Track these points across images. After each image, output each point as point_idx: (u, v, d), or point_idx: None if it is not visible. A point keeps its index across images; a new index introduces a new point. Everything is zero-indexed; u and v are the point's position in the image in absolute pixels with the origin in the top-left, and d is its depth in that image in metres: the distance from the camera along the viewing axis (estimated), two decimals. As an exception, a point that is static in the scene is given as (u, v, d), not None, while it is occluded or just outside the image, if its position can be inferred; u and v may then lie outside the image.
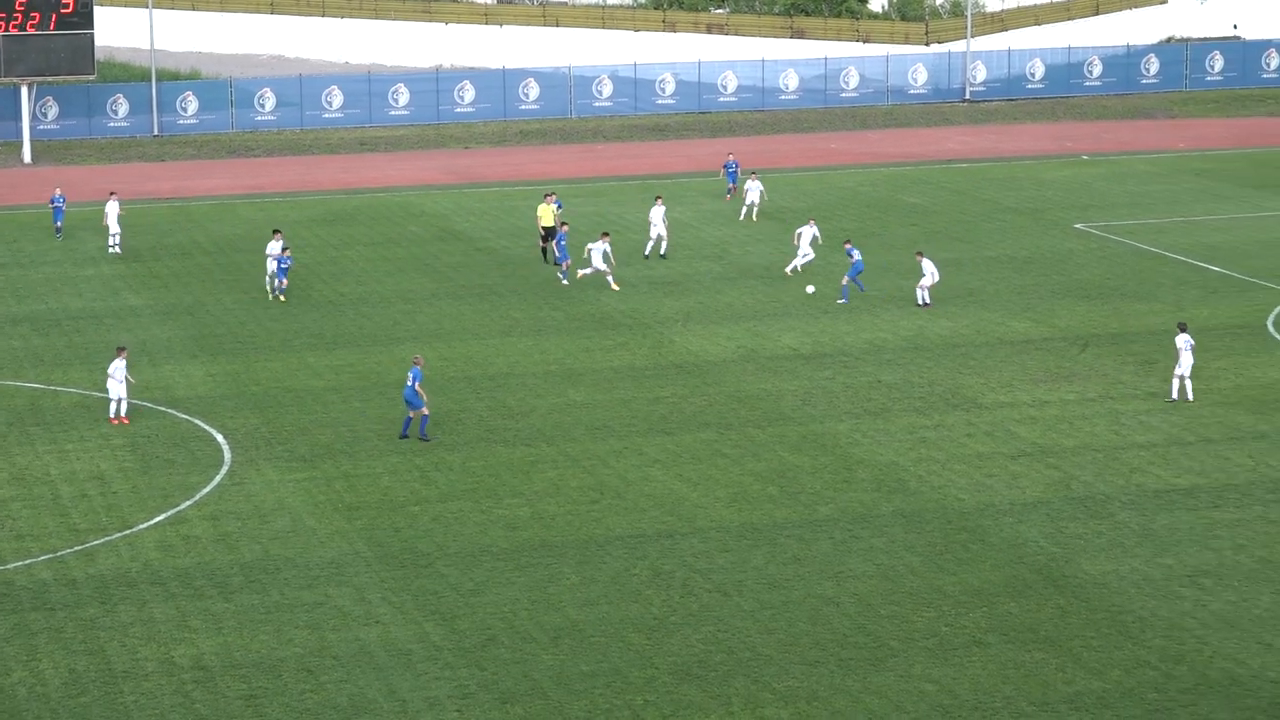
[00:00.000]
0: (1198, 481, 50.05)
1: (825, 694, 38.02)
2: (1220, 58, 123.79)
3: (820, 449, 52.83)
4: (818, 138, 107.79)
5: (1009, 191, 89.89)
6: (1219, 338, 63.26)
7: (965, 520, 47.39)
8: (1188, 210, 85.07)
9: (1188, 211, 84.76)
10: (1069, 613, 41.81)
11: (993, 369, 60.20)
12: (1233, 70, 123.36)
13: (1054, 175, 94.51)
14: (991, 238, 79.34)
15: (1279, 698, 37.67)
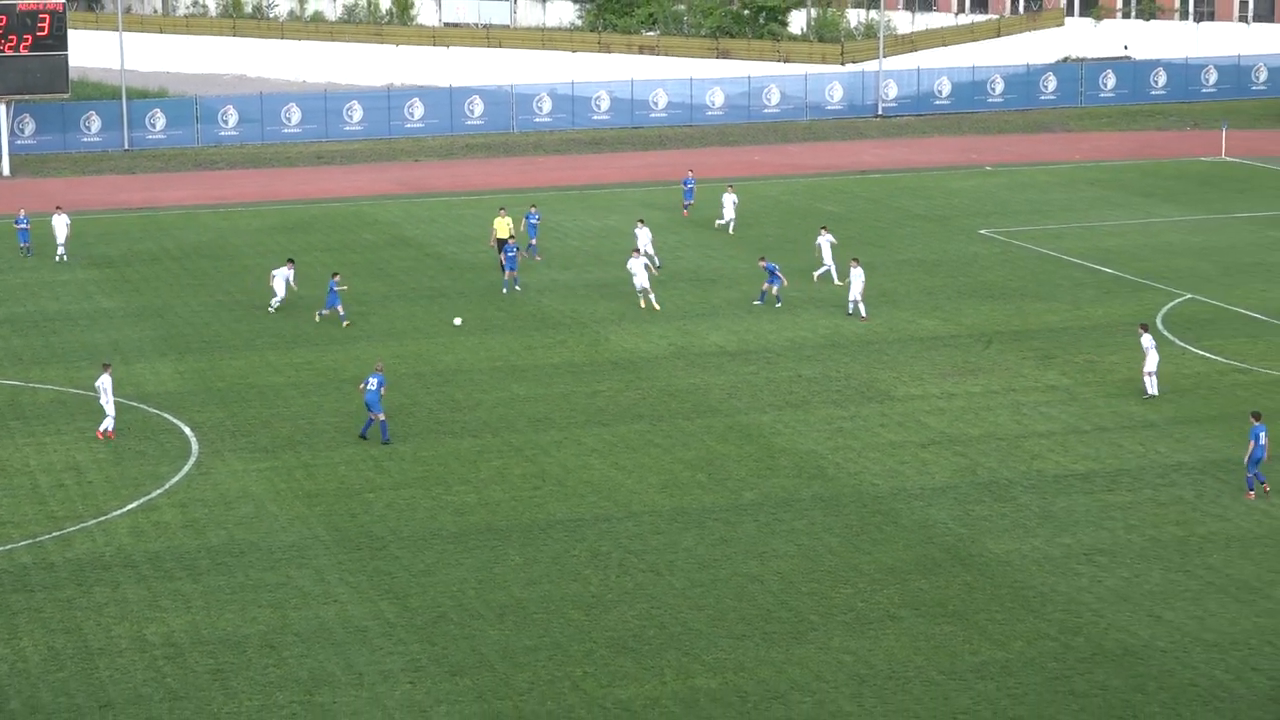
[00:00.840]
0: (1093, 467, 50.29)
1: (751, 665, 38.10)
2: (1113, 76, 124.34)
3: (745, 439, 52.91)
4: (742, 150, 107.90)
5: (919, 200, 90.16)
6: (1112, 335, 63.55)
7: (879, 504, 47.52)
8: (1083, 217, 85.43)
9: (1084, 218, 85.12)
10: (975, 588, 41.97)
11: (904, 364, 60.37)
12: (1124, 88, 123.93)
13: (960, 185, 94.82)
14: (903, 243, 79.57)
15: (1168, 666, 37.89)
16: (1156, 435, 52.94)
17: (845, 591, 41.84)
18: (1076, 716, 35.83)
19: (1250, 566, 43.13)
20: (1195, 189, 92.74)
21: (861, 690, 36.96)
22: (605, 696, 36.75)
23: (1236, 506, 47.07)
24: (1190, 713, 35.93)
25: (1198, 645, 38.93)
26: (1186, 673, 37.62)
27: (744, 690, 36.98)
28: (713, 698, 36.68)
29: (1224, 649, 38.71)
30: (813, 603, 41.23)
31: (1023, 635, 39.46)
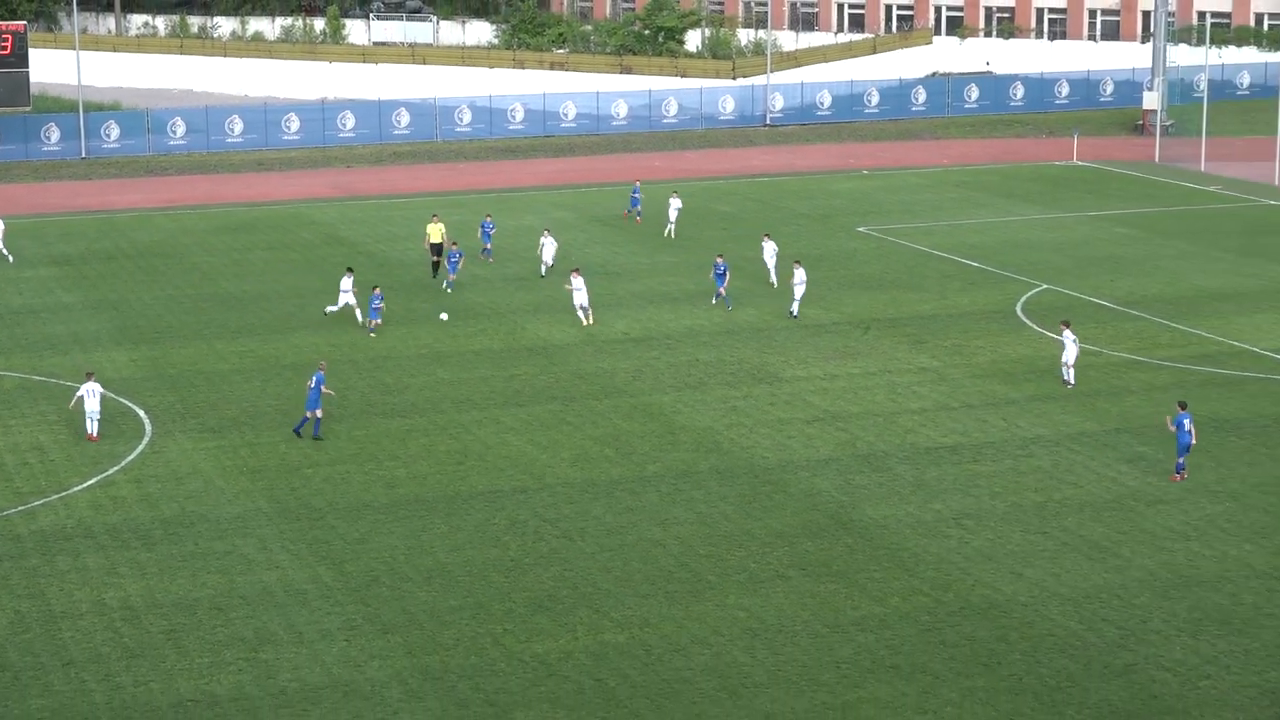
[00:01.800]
0: (960, 440, 50.57)
1: (655, 620, 38.16)
2: (976, 89, 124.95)
3: (648, 417, 52.95)
4: (643, 156, 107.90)
5: (803, 200, 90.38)
6: (977, 321, 63.90)
7: (769, 474, 47.65)
8: (950, 216, 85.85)
9: (950, 217, 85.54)
10: (855, 550, 42.14)
11: (791, 349, 60.52)
12: (986, 99, 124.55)
13: (840, 187, 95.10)
14: (789, 239, 79.67)
15: (1028, 618, 38.16)
16: (1017, 411, 53.27)
17: (739, 554, 41.94)
18: (947, 664, 36.05)
19: (1101, 528, 43.49)
20: (1050, 190, 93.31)
21: (754, 643, 37.07)
22: (524, 651, 36.74)
23: (1088, 475, 47.44)
24: (1048, 659, 36.21)
25: (1054, 599, 39.23)
26: (1044, 624, 37.91)
27: (649, 644, 37.04)
28: (620, 651, 36.71)
29: (1078, 602, 39.02)
30: (710, 564, 41.31)
31: (898, 592, 39.66)
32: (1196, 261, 74.41)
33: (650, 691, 34.97)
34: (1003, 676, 35.55)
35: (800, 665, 36.04)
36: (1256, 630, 37.57)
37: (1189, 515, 44.38)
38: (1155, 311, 65.34)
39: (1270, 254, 75.89)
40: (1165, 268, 73.08)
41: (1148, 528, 43.57)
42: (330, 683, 35.42)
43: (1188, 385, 55.36)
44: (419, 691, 35.04)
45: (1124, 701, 34.46)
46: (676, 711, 34.15)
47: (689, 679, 35.49)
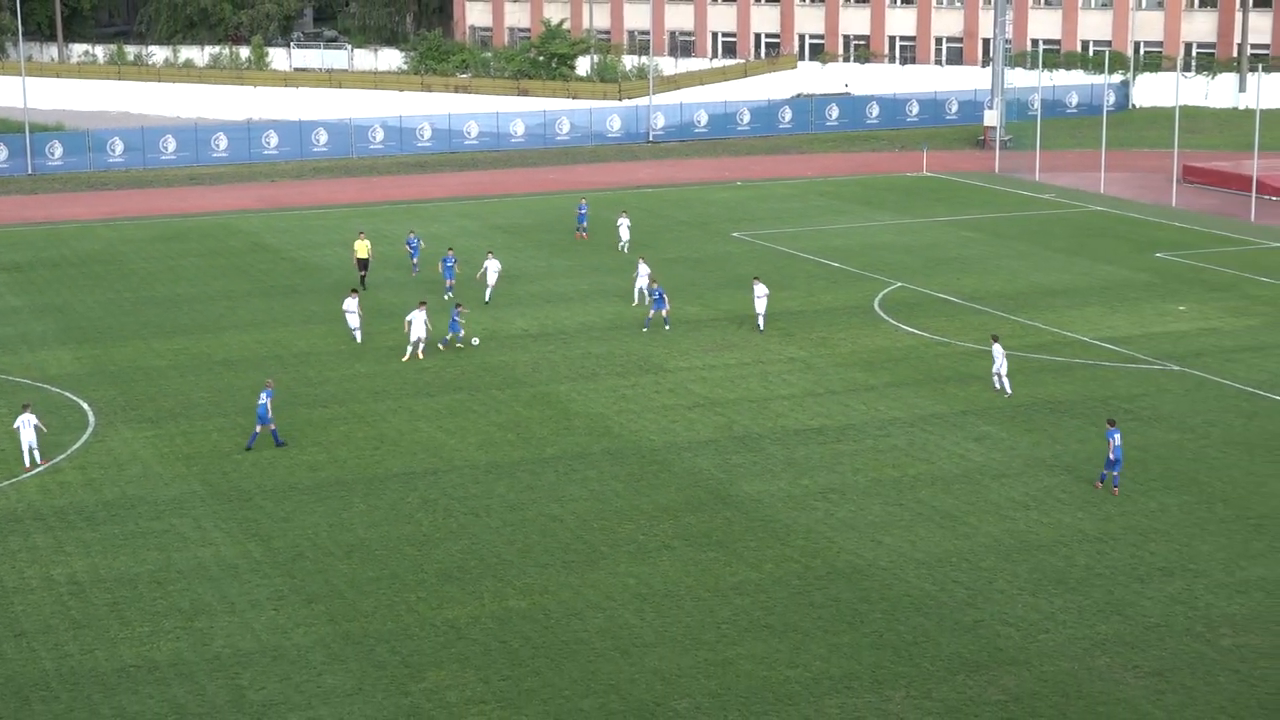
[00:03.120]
0: (826, 422, 50.74)
1: (554, 588, 38.07)
2: (836, 108, 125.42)
3: (546, 405, 52.82)
4: (539, 170, 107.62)
5: (683, 209, 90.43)
6: (840, 316, 64.15)
7: (655, 455, 47.65)
8: (816, 222, 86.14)
9: (816, 223, 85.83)
10: (733, 522, 42.21)
11: (674, 342, 60.54)
12: (845, 118, 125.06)
13: (716, 197, 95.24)
14: (671, 245, 79.77)
15: (887, 581, 38.35)
16: (876, 396, 53.52)
17: (629, 527, 41.92)
18: (815, 623, 36.18)
19: (951, 500, 43.77)
20: (903, 198, 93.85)
21: (643, 607, 37.06)
22: (435, 617, 36.57)
23: (939, 452, 47.71)
24: (905, 617, 36.40)
25: (910, 564, 39.45)
26: (902, 586, 38.11)
27: (548, 609, 36.95)
28: (523, 616, 36.61)
29: (931, 566, 39.26)
30: (603, 536, 41.27)
31: (772, 559, 39.76)
32: (1033, 261, 75.03)
33: (550, 652, 34.89)
34: (865, 633, 35.70)
35: (685, 626, 36.05)
36: (1088, 589, 37.93)
37: (1029, 487, 44.74)
38: (997, 306, 65.83)
39: (1097, 254, 76.66)
40: (1005, 266, 73.64)
41: (992, 499, 43.90)
42: (260, 648, 35.11)
43: (1026, 372, 55.81)
44: (341, 655, 34.79)
45: (973, 654, 34.70)
46: (574, 669, 34.08)
47: (585, 640, 35.42)
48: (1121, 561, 39.50)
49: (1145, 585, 38.10)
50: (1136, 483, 44.94)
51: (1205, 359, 57.63)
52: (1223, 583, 38.25)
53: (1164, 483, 44.94)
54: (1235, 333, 61.56)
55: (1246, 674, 33.75)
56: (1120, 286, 69.31)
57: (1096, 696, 32.88)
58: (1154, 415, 51.18)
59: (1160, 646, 34.99)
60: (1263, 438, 48.91)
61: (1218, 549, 40.28)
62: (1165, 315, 64.06)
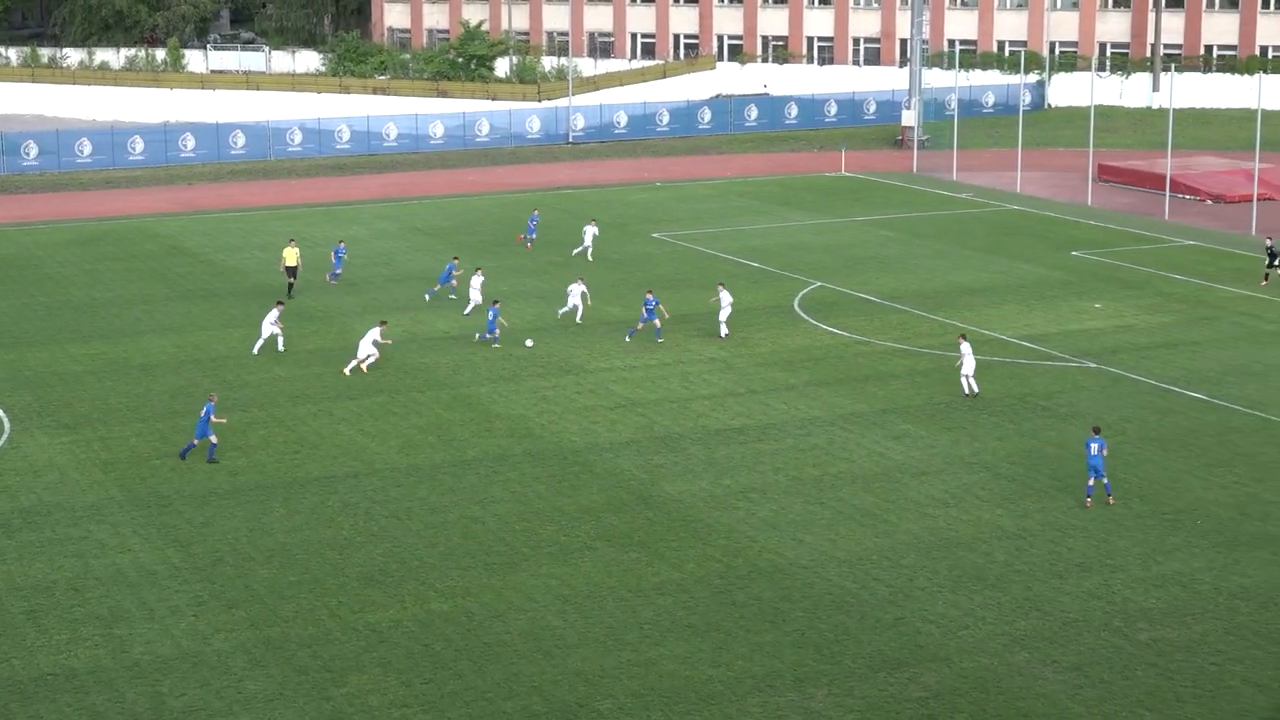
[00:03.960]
0: (747, 422, 50.87)
1: (476, 590, 38.01)
2: (755, 109, 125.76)
3: (467, 407, 52.70)
4: (459, 172, 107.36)
5: (602, 210, 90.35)
6: (760, 316, 64.33)
7: (577, 456, 47.63)
8: (735, 222, 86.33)
9: (735, 223, 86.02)
10: (655, 522, 42.25)
11: (595, 343, 60.53)
12: (764, 118, 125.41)
13: (636, 198, 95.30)
14: (593, 245, 79.68)
15: (809, 579, 38.49)
16: (796, 396, 53.70)
17: (551, 528, 41.89)
18: (738, 622, 36.26)
19: (871, 498, 43.97)
20: (822, 198, 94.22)
21: (566, 608, 37.04)
22: (357, 620, 36.42)
23: (859, 450, 47.93)
24: (827, 615, 36.55)
25: (831, 562, 39.61)
26: (823, 584, 38.26)
27: (470, 611, 36.88)
28: (445, 618, 36.52)
29: (852, 564, 39.43)
30: (524, 538, 41.22)
31: (694, 559, 39.82)
32: (950, 260, 75.51)
33: (472, 654, 34.82)
34: (787, 632, 35.82)
35: (607, 627, 36.06)
36: (1007, 585, 38.21)
37: (948, 485, 45.02)
38: (915, 305, 66.19)
39: (1013, 252, 77.22)
40: (924, 266, 74.06)
41: (912, 496, 44.14)
42: (180, 655, 34.86)
43: (945, 370, 56.15)
44: (262, 660, 34.59)
45: (894, 651, 34.88)
46: (496, 672, 34.03)
47: (507, 642, 35.37)
48: (1040, 558, 39.82)
49: (1063, 581, 38.42)
50: (1055, 479, 45.31)
51: (1121, 356, 58.17)
52: (1139, 578, 38.63)
53: (1081, 479, 45.27)
54: (1150, 330, 62.17)
55: (1164, 667, 34.10)
56: (1037, 285, 69.85)
57: (1016, 692, 33.12)
58: (1071, 412, 51.60)
59: (1078, 641, 35.29)
60: (1177, 434, 49.41)
61: (1134, 544, 40.68)
62: (1081, 313, 64.61)
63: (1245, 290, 68.59)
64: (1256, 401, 52.57)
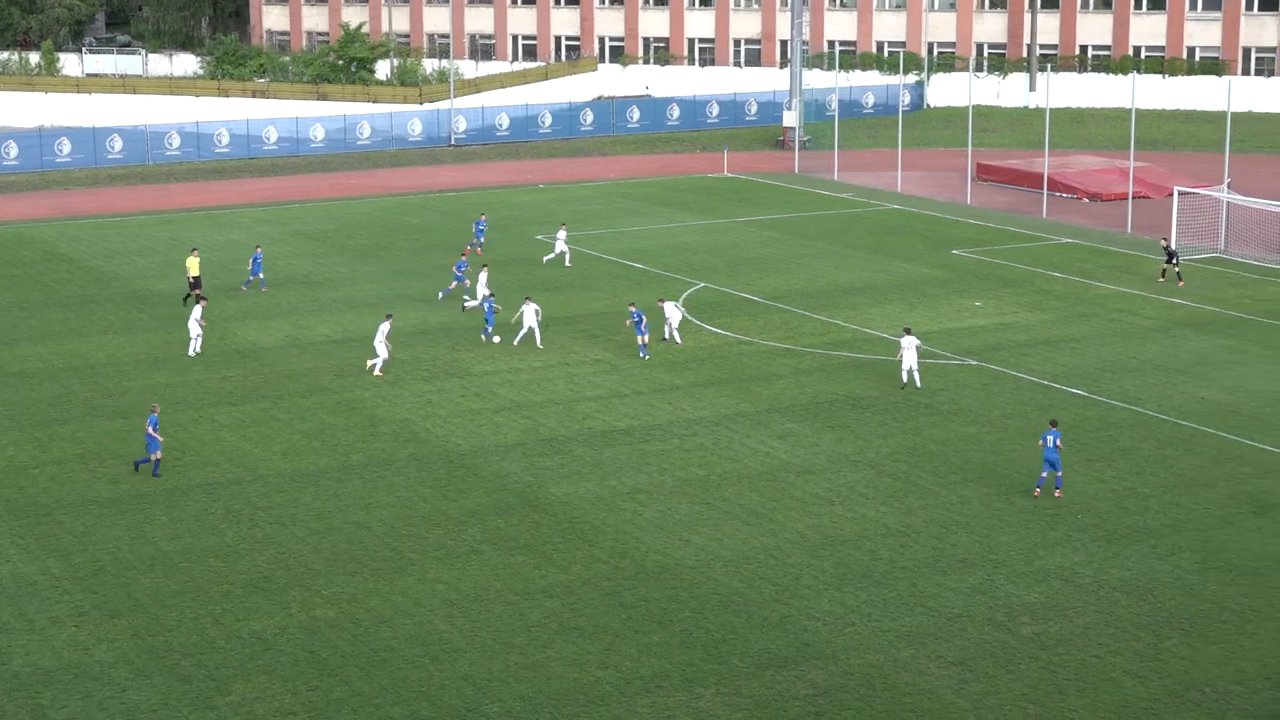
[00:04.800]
0: (632, 423, 50.94)
1: (362, 596, 37.79)
2: (637, 110, 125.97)
3: (351, 411, 52.39)
4: (340, 175, 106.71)
5: (487, 212, 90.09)
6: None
7: (463, 460, 47.49)
8: (618, 223, 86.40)
9: (618, 224, 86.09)
10: (542, 525, 42.21)
11: (479, 346, 60.34)
12: (646, 119, 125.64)
13: (519, 200, 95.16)
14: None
15: (696, 579, 38.59)
16: (681, 396, 53.83)
17: (437, 532, 41.74)
18: (625, 623, 36.30)
19: (757, 497, 44.17)
20: (704, 199, 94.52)
21: (453, 612, 36.92)
22: (242, 628, 36.10)
23: (744, 450, 48.12)
24: (714, 615, 36.67)
25: (718, 562, 39.74)
26: (711, 584, 38.38)
27: (356, 617, 36.66)
28: (331, 625, 36.29)
29: (738, 564, 39.58)
30: (411, 543, 41.04)
31: (581, 560, 39.82)
32: (833, 259, 76.01)
33: (359, 660, 34.61)
34: (675, 632, 35.90)
35: (495, 630, 35.98)
36: (892, 582, 38.52)
37: (833, 483, 45.31)
38: (799, 304, 66.57)
39: (895, 252, 77.87)
40: (807, 265, 74.49)
41: (797, 495, 44.38)
42: (61, 666, 34.39)
43: (829, 369, 56.53)
44: (145, 670, 34.20)
45: (781, 649, 35.05)
46: (383, 677, 33.85)
47: (394, 647, 35.20)
48: (924, 554, 40.17)
49: (947, 577, 38.78)
50: (938, 476, 45.73)
51: (1001, 353, 58.82)
52: (1022, 572, 39.07)
53: (964, 475, 45.78)
54: (1030, 327, 62.90)
55: (1046, 660, 34.50)
56: (919, 283, 70.47)
57: (902, 688, 33.39)
58: (953, 409, 52.10)
59: (963, 636, 35.64)
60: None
61: (1016, 539, 41.14)
62: (962, 311, 65.26)
63: (1122, 287, 69.58)
64: (1134, 397, 53.35)
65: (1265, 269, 73.40)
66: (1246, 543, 40.91)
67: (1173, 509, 43.26)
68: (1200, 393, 53.84)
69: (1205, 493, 44.48)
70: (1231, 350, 59.35)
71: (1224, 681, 33.59)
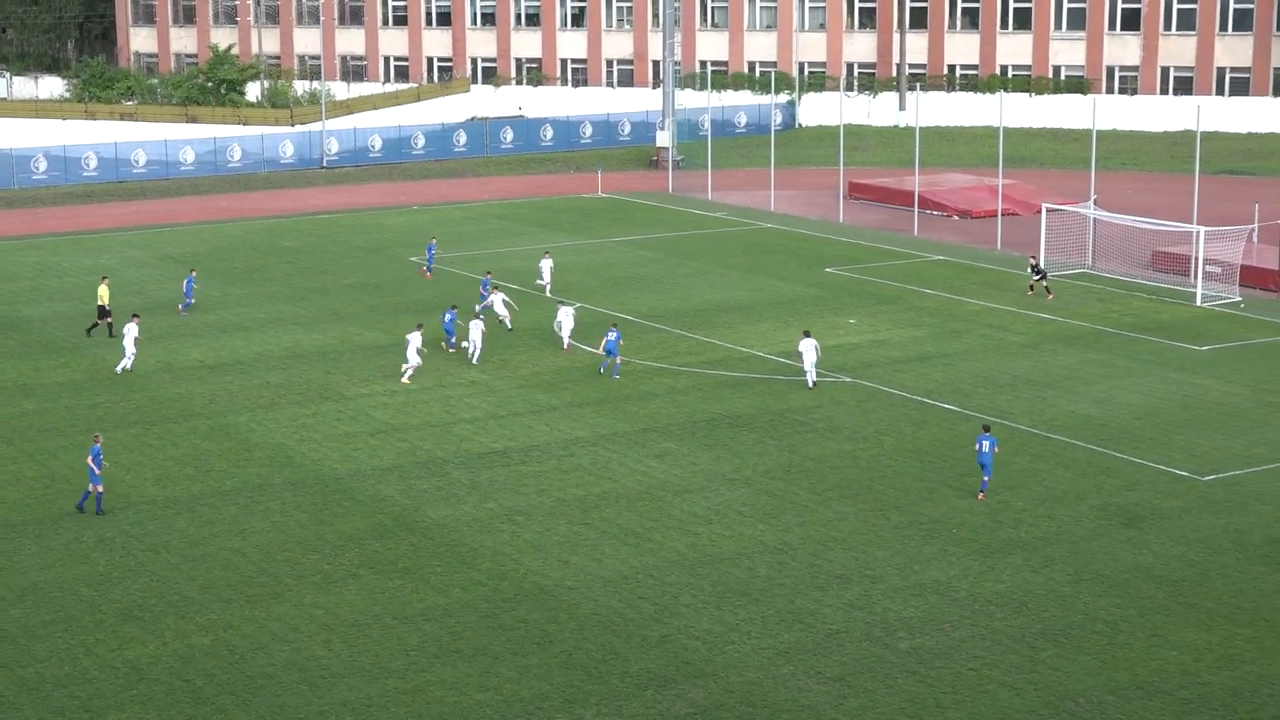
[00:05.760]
0: (510, 444, 50.84)
1: (238, 623, 37.40)
2: (511, 131, 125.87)
3: (225, 437, 51.89)
4: (211, 199, 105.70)
5: (360, 235, 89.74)
6: (521, 337, 64.31)
7: (339, 484, 47.18)
8: (494, 244, 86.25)
9: (493, 246, 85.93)
10: (420, 548, 42.02)
11: (354, 369, 60.03)
12: (520, 140, 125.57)
13: (393, 222, 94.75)
14: (349, 270, 79.12)
15: (575, 600, 38.54)
16: (559, 417, 53.80)
17: (314, 557, 41.42)
18: (505, 646, 36.20)
19: (635, 517, 44.22)
20: (579, 220, 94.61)
21: (331, 637, 36.64)
22: (115, 658, 35.61)
23: (622, 470, 48.18)
24: (594, 635, 36.65)
25: (597, 582, 39.74)
26: (590, 605, 38.37)
27: (232, 644, 36.28)
28: (206, 652, 35.88)
29: (617, 584, 39.61)
30: (287, 568, 40.70)
31: (459, 583, 39.68)
32: (708, 278, 76.32)
33: (235, 688, 34.24)
34: (555, 653, 35.84)
35: (373, 655, 35.74)
36: (770, 599, 38.69)
37: (710, 501, 45.46)
38: (674, 323, 66.78)
39: (769, 270, 78.33)
40: (682, 285, 74.74)
41: (675, 514, 44.48)
42: (-71, 701, 33.73)
43: (704, 388, 56.74)
44: (15, 703, 33.62)
45: (661, 669, 35.09)
46: (261, 705, 33.50)
47: (272, 674, 34.86)
48: (802, 571, 40.39)
49: (825, 593, 39.02)
50: (814, 493, 46.01)
51: (876, 370, 59.32)
52: (898, 587, 39.39)
53: (840, 492, 46.10)
54: (903, 343, 63.50)
55: (924, 675, 34.79)
56: (793, 302, 70.92)
57: (781, 704, 33.53)
58: (829, 426, 52.47)
59: (841, 652, 35.86)
60: (932, 445, 50.52)
61: (893, 555, 41.47)
62: (837, 329, 65.75)
63: (993, 303, 70.42)
64: (1005, 411, 54.00)
65: (1131, 284, 74.62)
66: (1117, 554, 41.52)
67: (1045, 522, 43.82)
68: (1070, 407, 54.61)
69: (1076, 505, 45.10)
70: (1100, 364, 60.26)
71: (1098, 691, 34.06)
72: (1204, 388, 57.21)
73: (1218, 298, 71.05)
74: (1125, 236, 78.58)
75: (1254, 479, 47.35)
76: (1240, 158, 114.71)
